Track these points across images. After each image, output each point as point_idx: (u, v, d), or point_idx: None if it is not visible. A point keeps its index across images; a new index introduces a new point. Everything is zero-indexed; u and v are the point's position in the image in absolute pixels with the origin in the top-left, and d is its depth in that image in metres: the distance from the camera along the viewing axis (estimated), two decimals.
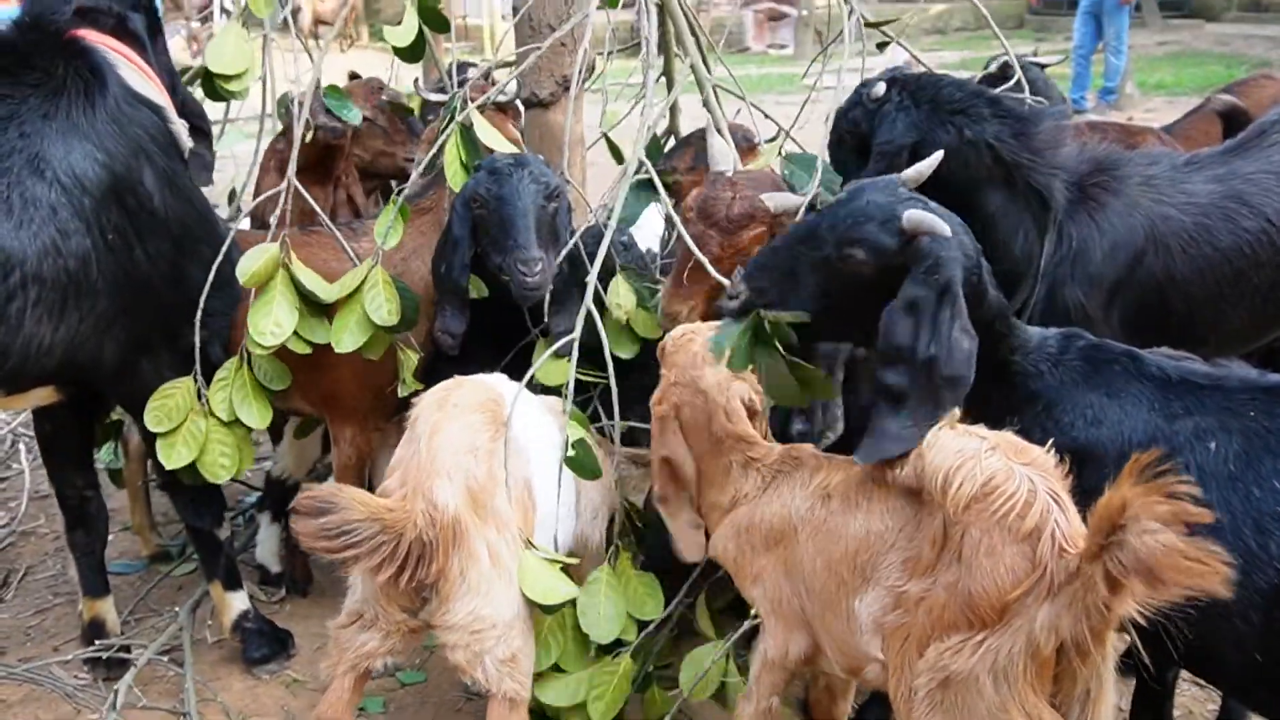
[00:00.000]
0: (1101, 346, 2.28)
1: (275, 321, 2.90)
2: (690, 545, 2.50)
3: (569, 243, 2.98)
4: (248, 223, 3.61)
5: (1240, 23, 17.28)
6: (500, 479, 2.42)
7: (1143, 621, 1.73)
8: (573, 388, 2.67)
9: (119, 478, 3.96)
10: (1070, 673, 1.85)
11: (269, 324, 2.90)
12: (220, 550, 3.23)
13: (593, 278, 2.82)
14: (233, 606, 3.26)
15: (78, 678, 3.23)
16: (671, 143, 4.07)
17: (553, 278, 2.91)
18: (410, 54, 3.46)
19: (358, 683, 2.48)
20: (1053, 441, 1.99)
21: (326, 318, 3.03)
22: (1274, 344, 3.16)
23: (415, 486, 2.31)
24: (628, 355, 2.93)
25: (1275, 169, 2.89)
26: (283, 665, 3.28)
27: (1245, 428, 2.03)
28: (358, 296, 2.97)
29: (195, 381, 2.95)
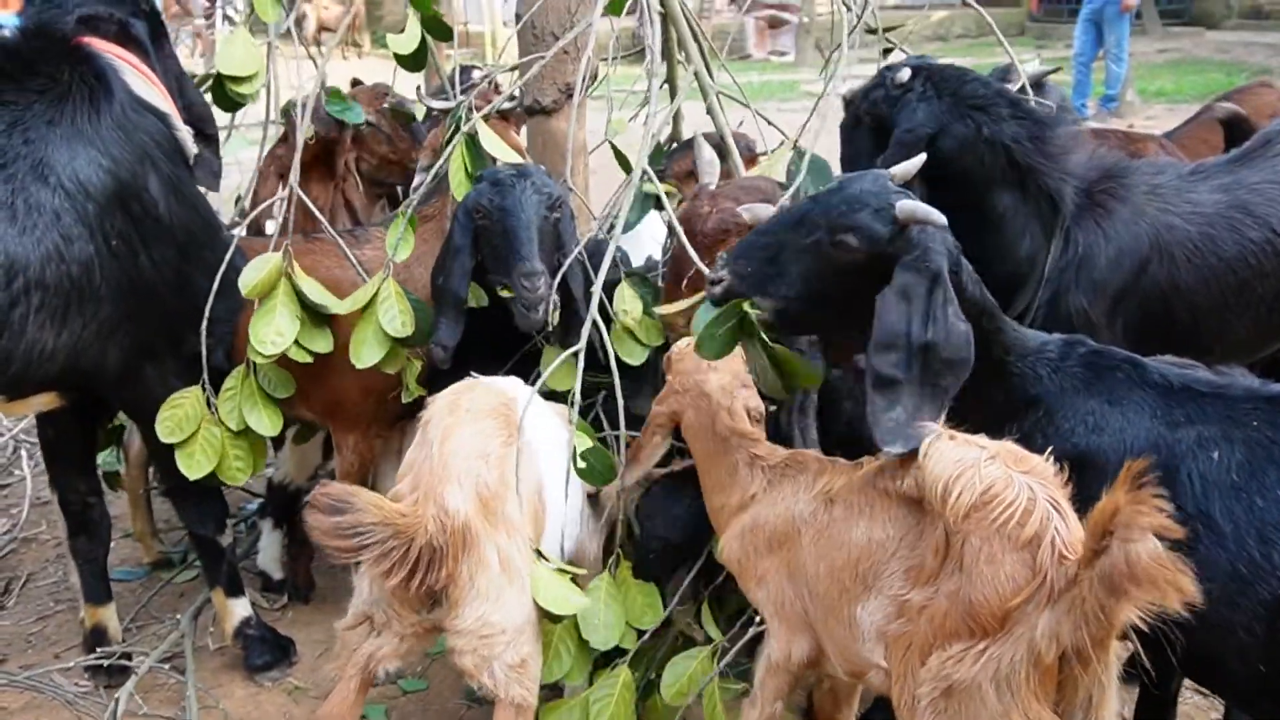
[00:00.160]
0: (1103, 353, 2.27)
1: (276, 330, 2.91)
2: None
3: (574, 251, 2.98)
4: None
5: (1240, 30, 17.27)
6: (512, 484, 2.43)
7: (1145, 629, 1.73)
8: (579, 396, 2.68)
9: (116, 480, 3.95)
10: (1072, 680, 1.85)
11: (270, 333, 2.91)
12: (223, 557, 3.23)
13: (598, 287, 2.82)
14: (235, 613, 3.26)
15: (79, 685, 3.22)
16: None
17: (557, 287, 2.91)
18: (413, 62, 3.47)
19: (363, 686, 2.48)
20: (1053, 448, 2.00)
21: (328, 327, 3.03)
22: (1278, 354, 3.16)
23: (426, 492, 2.31)
24: (636, 362, 2.93)
25: None
26: (284, 672, 3.28)
27: (1248, 437, 2.02)
28: (372, 309, 2.97)
29: (204, 390, 2.95)
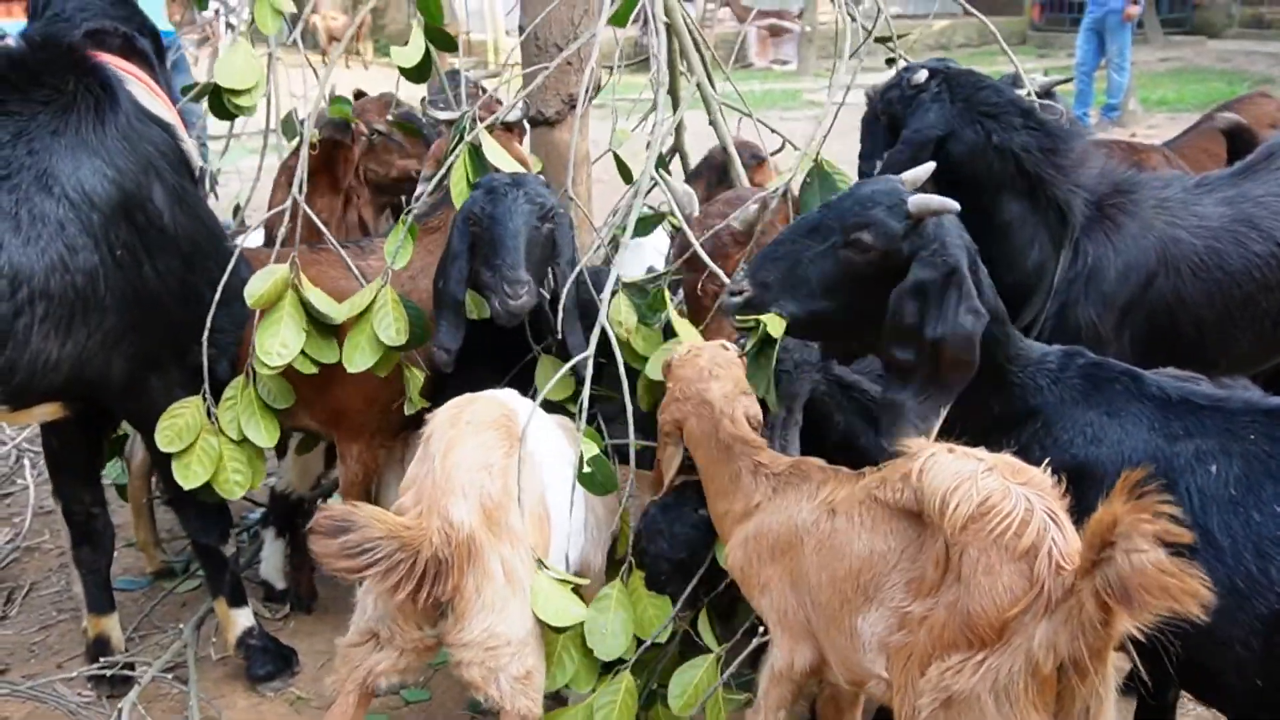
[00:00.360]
0: (1102, 365, 2.28)
1: (282, 341, 2.91)
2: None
3: (578, 264, 2.99)
4: (252, 237, 3.61)
5: (1242, 39, 17.30)
6: (515, 495, 2.43)
7: (1143, 641, 1.73)
8: (586, 406, 2.68)
9: (125, 492, 3.96)
10: (1070, 691, 1.86)
11: (275, 344, 2.90)
12: (226, 566, 3.23)
13: (606, 294, 2.83)
14: (237, 623, 3.26)
15: (82, 695, 3.22)
16: (676, 160, 4.09)
17: (553, 295, 2.92)
18: (417, 74, 3.47)
19: (362, 700, 2.48)
20: (1051, 459, 2.01)
21: (335, 337, 3.03)
22: None
23: (430, 504, 2.32)
24: (647, 369, 2.92)
25: None
26: (287, 682, 3.28)
27: (1246, 451, 2.03)
28: (367, 316, 2.98)
29: (205, 400, 2.96)
